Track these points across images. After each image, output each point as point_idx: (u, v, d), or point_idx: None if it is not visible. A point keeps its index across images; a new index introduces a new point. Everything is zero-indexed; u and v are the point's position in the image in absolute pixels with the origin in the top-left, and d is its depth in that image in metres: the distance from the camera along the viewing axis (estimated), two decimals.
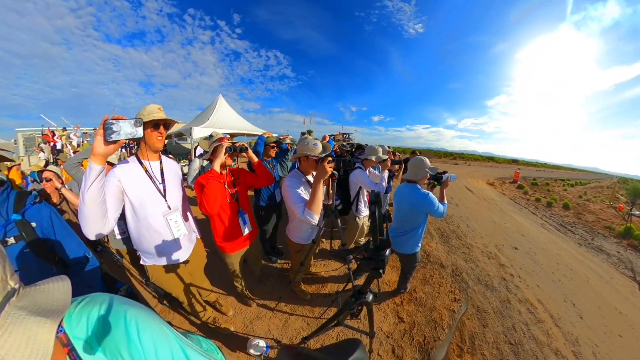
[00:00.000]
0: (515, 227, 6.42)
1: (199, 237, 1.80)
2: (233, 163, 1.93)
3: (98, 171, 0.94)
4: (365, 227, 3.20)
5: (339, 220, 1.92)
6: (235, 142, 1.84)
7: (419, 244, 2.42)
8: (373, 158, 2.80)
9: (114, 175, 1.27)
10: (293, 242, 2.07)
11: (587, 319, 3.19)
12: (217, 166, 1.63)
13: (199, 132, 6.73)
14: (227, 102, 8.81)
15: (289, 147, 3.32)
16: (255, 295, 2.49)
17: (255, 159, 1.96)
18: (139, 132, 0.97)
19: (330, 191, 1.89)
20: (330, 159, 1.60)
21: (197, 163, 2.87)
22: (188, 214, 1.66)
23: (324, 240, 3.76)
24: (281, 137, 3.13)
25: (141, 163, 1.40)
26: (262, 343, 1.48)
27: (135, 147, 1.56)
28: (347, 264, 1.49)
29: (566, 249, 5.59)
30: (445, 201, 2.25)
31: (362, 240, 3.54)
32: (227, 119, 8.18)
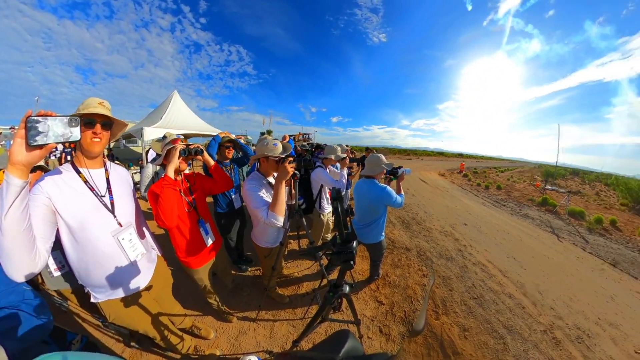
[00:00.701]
0: (464, 208, 7.55)
1: (160, 254, 1.60)
2: (188, 168, 1.77)
3: (19, 187, 0.71)
4: (330, 223, 3.37)
5: (303, 219, 1.96)
6: (190, 144, 1.69)
7: (383, 233, 2.62)
8: (332, 157, 2.94)
9: (40, 191, 1.00)
10: (261, 247, 2.02)
11: (526, 267, 4.01)
12: (170, 172, 1.47)
13: (151, 133, 6.01)
14: (183, 99, 8.10)
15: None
16: (234, 309, 2.39)
17: (212, 162, 1.83)
18: (75, 133, 0.79)
19: (293, 191, 1.87)
20: (291, 159, 1.59)
21: (150, 169, 2.62)
22: (144, 229, 1.46)
23: (291, 241, 3.82)
24: (237, 137, 2.94)
25: (78, 172, 1.14)
26: (254, 359, 1.48)
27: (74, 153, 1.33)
28: (318, 261, 1.49)
29: (502, 219, 6.82)
30: (403, 192, 2.47)
31: (329, 236, 3.59)
32: (182, 118, 7.50)
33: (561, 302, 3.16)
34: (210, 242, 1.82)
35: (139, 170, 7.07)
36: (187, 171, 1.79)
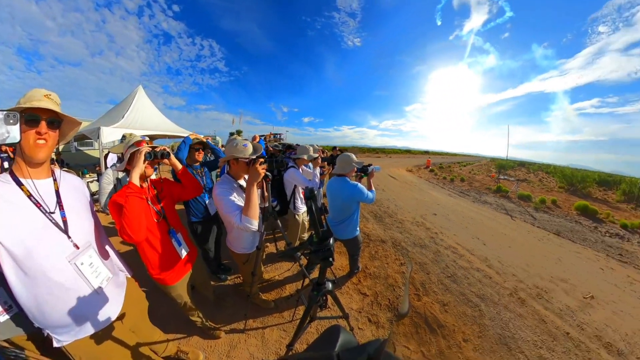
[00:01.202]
0: (432, 200, 8.19)
1: (129, 275, 1.45)
2: (155, 173, 1.65)
3: None
4: (306, 223, 3.41)
5: (278, 221, 1.95)
6: (156, 146, 1.58)
7: (358, 228, 2.70)
8: (305, 157, 2.96)
9: None
10: (238, 254, 1.97)
11: (488, 244, 4.51)
12: (135, 178, 1.34)
13: (111, 133, 5.29)
14: (149, 95, 7.34)
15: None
16: (219, 323, 2.27)
17: (179, 166, 1.75)
18: (13, 133, 0.67)
19: (266, 193, 1.83)
20: (262, 160, 1.55)
21: (110, 176, 2.40)
22: (107, 248, 1.30)
23: (268, 244, 3.75)
24: (205, 138, 2.80)
25: (20, 184, 0.95)
26: None
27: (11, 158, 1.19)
28: (297, 262, 1.50)
29: (466, 207, 7.56)
30: (373, 188, 2.57)
31: (305, 236, 3.58)
32: (147, 117, 6.74)
33: (520, 268, 3.64)
34: (184, 253, 1.70)
35: (95, 178, 6.33)
36: (153, 176, 1.67)
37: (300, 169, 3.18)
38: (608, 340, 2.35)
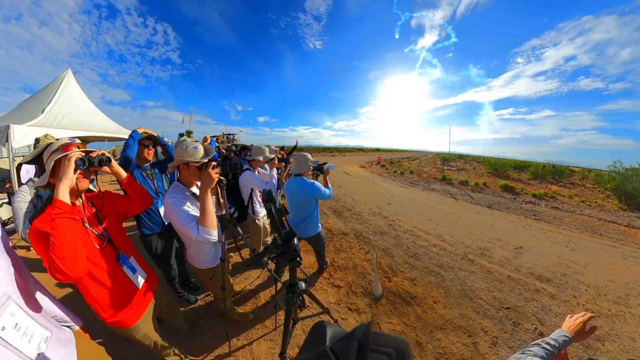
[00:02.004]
0: (386, 191, 8.98)
1: (77, 327, 1.21)
2: (91, 185, 1.42)
3: None
4: (267, 227, 3.38)
5: (239, 228, 1.90)
6: (91, 151, 1.32)
7: (319, 225, 2.78)
8: (260, 158, 2.94)
9: None
10: (202, 270, 1.87)
11: (439, 224, 5.20)
12: (63, 194, 1.06)
13: (26, 135, 4.05)
14: (82, 84, 5.98)
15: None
16: (201, 353, 2.07)
17: (123, 173, 1.50)
18: None
19: (221, 200, 1.74)
20: (214, 163, 1.47)
21: (25, 194, 2.01)
22: (39, 296, 1.06)
23: (232, 254, 3.62)
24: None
25: None
26: None
27: None
28: (265, 267, 1.48)
29: (417, 195, 8.54)
30: (330, 185, 2.69)
31: (269, 239, 3.55)
32: (77, 112, 5.44)
33: (466, 237, 4.36)
34: (141, 281, 1.46)
35: (5, 200, 4.73)
36: (92, 187, 1.41)
37: (256, 171, 3.14)
38: (538, 274, 3.17)
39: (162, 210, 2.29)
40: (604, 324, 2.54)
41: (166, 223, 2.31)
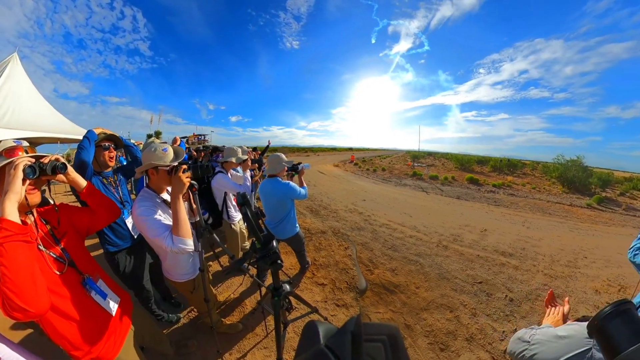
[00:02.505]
0: (360, 188, 9.35)
1: None
2: (42, 196, 1.20)
3: None
4: (244, 231, 3.32)
5: (215, 235, 1.84)
6: (42, 156, 1.15)
7: (297, 225, 2.81)
8: (233, 160, 2.88)
9: None
10: (181, 283, 1.77)
11: (413, 216, 5.55)
12: (11, 211, 0.89)
13: None
14: (29, 73, 5.21)
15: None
16: None
17: (82, 182, 1.30)
18: None
19: (194, 206, 1.67)
20: (184, 167, 1.41)
21: None
22: None
23: (210, 263, 3.50)
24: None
25: None
26: None
27: None
28: (247, 273, 1.48)
29: (390, 190, 9.01)
30: (305, 185, 2.72)
31: (247, 244, 3.56)
32: (24, 107, 4.66)
33: (438, 226, 4.72)
34: (114, 307, 1.31)
35: None
36: (44, 204, 1.19)
37: (229, 174, 3.06)
38: (502, 250, 3.67)
39: (129, 222, 2.05)
40: (561, 284, 3.01)
41: (135, 236, 2.07)
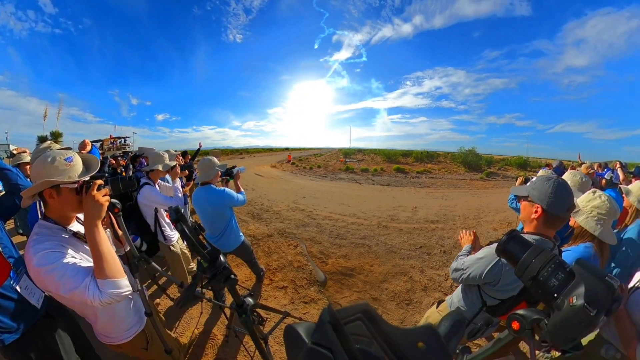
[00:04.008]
0: (299, 186, 9.77)
1: None
2: None
3: None
4: (186, 251, 2.98)
5: (153, 263, 1.52)
6: None
7: (240, 234, 2.74)
8: (160, 167, 2.61)
9: None
10: (128, 342, 1.41)
11: (351, 205, 6.20)
12: None
13: None
14: None
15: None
16: None
17: None
18: None
19: (120, 232, 1.37)
20: (100, 182, 1.12)
21: None
22: None
23: (158, 300, 3.05)
24: None
25: None
26: None
27: None
28: (204, 298, 1.42)
29: (327, 185, 9.73)
30: (242, 190, 2.66)
31: (194, 265, 3.41)
32: None
33: (375, 210, 5.46)
34: None
35: None
36: None
37: (156, 185, 2.74)
38: (431, 219, 4.73)
39: (19, 287, 1.38)
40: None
41: (39, 305, 1.43)
